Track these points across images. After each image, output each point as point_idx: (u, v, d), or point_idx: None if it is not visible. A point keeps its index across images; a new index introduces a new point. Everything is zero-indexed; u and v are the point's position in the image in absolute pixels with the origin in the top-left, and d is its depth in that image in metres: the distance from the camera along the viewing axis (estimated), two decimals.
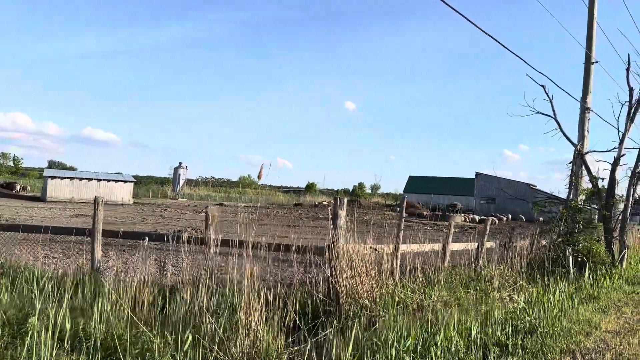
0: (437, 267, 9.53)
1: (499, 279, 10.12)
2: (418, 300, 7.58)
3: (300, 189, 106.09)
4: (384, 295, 7.39)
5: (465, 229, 32.38)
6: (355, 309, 6.88)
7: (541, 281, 10.08)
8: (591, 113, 13.48)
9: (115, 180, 36.88)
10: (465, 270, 9.93)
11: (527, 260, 11.14)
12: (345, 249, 7.46)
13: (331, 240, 7.48)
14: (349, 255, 7.45)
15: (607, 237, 11.70)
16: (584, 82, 13.73)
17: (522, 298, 6.96)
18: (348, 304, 6.88)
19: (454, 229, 11.19)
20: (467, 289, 9.40)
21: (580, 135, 13.07)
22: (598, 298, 8.62)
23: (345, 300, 6.89)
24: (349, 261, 7.40)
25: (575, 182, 11.98)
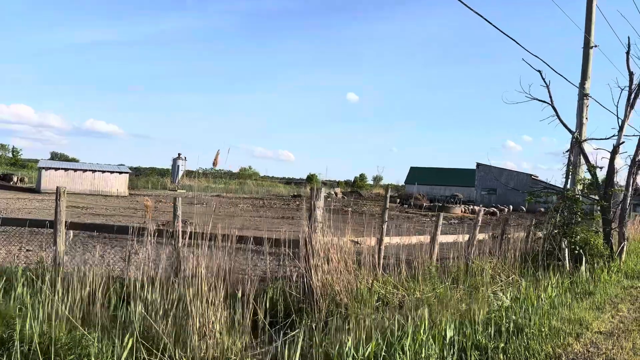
0: (425, 261, 9.06)
1: (490, 273, 9.66)
2: (400, 296, 7.11)
3: (302, 181, 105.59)
4: (363, 291, 6.93)
5: (464, 220, 31.86)
6: (331, 306, 6.42)
7: (535, 275, 9.61)
8: (590, 100, 12.94)
9: (111, 172, 36.44)
10: (455, 264, 9.45)
11: (521, 253, 10.66)
12: (322, 242, 7.00)
13: (306, 233, 7.03)
14: (326, 248, 6.98)
15: (606, 228, 11.19)
16: (582, 67, 13.17)
17: (509, 294, 6.46)
18: (323, 301, 6.42)
19: (454, 220, 10.76)
20: (456, 284, 8.94)
21: (578, 122, 12.53)
22: (594, 293, 8.14)
23: (320, 297, 6.42)
24: (326, 255, 6.94)
25: (572, 171, 11.45)
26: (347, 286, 6.79)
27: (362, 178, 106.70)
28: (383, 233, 8.24)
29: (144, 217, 20.91)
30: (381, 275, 7.62)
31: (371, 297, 6.76)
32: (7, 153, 75.25)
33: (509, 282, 9.52)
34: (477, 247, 11.04)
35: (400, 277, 7.77)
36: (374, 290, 7.04)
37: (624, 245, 11.07)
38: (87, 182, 35.57)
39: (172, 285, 5.65)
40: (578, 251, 10.21)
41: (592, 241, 10.66)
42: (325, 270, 6.70)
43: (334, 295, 6.61)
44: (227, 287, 5.81)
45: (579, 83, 12.91)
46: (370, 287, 6.84)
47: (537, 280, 8.88)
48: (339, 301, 6.57)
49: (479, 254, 10.78)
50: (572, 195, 11.01)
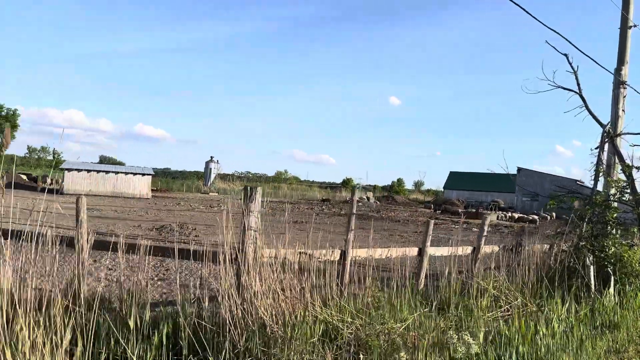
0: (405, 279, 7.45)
1: (493, 294, 7.95)
2: (354, 328, 5.52)
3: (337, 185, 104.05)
4: (308, 320, 5.41)
5: (499, 228, 29.62)
6: (253, 341, 4.93)
7: (550, 298, 7.83)
8: (628, 89, 10.96)
9: (134, 173, 35.98)
10: (448, 283, 7.78)
11: (539, 270, 8.86)
12: (254, 257, 5.53)
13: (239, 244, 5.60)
14: (259, 265, 5.50)
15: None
16: (619, 50, 11.21)
17: (482, 337, 4.77)
18: (240, 334, 4.93)
19: (486, 228, 9.23)
20: (445, 309, 7.28)
21: (613, 115, 10.59)
22: (618, 327, 6.34)
23: (238, 329, 4.94)
24: (258, 274, 5.46)
25: (603, 172, 9.55)
26: (281, 314, 5.29)
27: (400, 183, 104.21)
28: (349, 244, 6.68)
29: (154, 220, 19.94)
30: (339, 298, 6.06)
31: (313, 329, 5.23)
32: (47, 155, 76.98)
33: (518, 306, 7.79)
34: (487, 262, 9.33)
35: (364, 300, 6.19)
36: (321, 319, 5.50)
37: None
38: (109, 184, 35.23)
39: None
40: (606, 269, 8.34)
41: (625, 257, 8.75)
42: (254, 293, 5.23)
43: (261, 326, 5.13)
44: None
45: (614, 69, 10.96)
46: (316, 317, 5.30)
47: (549, 305, 7.11)
48: (269, 334, 5.08)
49: (484, 270, 9.06)
50: (603, 200, 9.12)
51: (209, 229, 17.47)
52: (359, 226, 24.48)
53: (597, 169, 9.40)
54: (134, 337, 4.71)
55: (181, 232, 16.21)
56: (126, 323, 4.79)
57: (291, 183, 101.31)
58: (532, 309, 7.54)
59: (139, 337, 4.83)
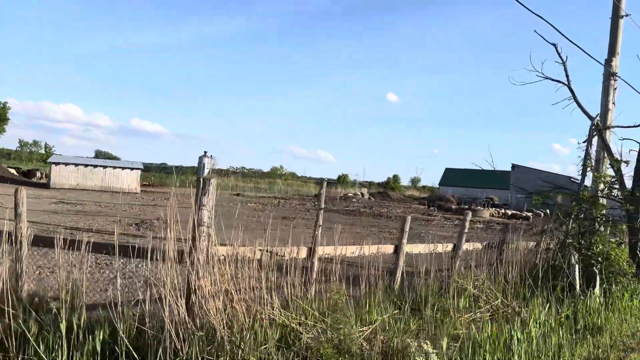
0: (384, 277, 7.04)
1: (474, 294, 7.55)
2: (316, 333, 5.09)
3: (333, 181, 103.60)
4: (264, 325, 4.99)
5: (491, 225, 29.26)
6: (199, 349, 4.51)
7: (533, 299, 7.43)
8: (618, 80, 10.56)
9: (122, 167, 35.46)
10: (425, 282, 7.37)
11: (521, 268, 8.46)
12: (207, 255, 5.10)
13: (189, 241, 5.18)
14: (212, 263, 5.07)
15: (632, 239, 8.85)
16: (610, 41, 10.80)
17: (445, 344, 4.33)
18: (185, 340, 4.51)
19: (478, 225, 8.86)
20: (420, 310, 6.88)
21: (603, 107, 10.18)
22: (601, 331, 5.94)
23: (181, 334, 4.51)
24: (209, 273, 5.03)
25: (590, 166, 9.14)
26: (235, 318, 4.86)
27: (396, 179, 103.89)
28: (316, 242, 6.25)
29: (135, 215, 19.47)
30: (302, 299, 5.63)
31: (268, 333, 4.81)
32: (40, 149, 76.35)
33: (498, 307, 7.39)
34: (469, 260, 8.92)
35: (329, 302, 5.77)
36: (279, 322, 5.09)
37: None
38: (97, 178, 34.72)
39: None
40: (590, 268, 7.95)
41: (613, 255, 8.35)
42: (202, 294, 4.80)
43: (210, 331, 4.70)
44: None
45: (605, 60, 10.55)
46: (273, 320, 4.88)
47: (528, 307, 6.71)
48: (219, 340, 4.66)
49: (464, 268, 8.66)
50: (590, 196, 8.71)
51: None
52: (347, 222, 24.09)
53: (584, 163, 8.99)
54: (66, 343, 4.30)
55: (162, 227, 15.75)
56: (59, 327, 4.37)
57: (286, 179, 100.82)
58: (515, 309, 7.15)
59: (75, 343, 4.43)
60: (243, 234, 5.67)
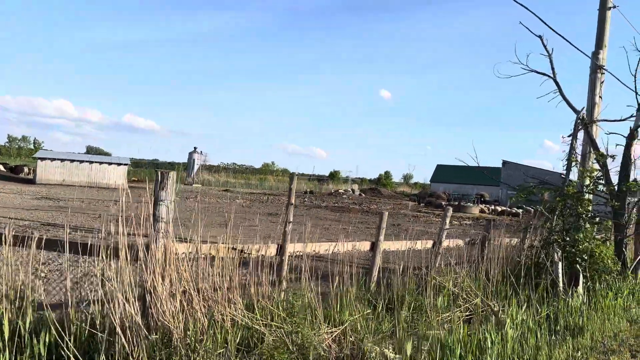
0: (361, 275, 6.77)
1: (453, 293, 7.31)
2: (277, 336, 4.81)
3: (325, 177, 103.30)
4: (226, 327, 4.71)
5: (480, 221, 29.09)
6: (151, 353, 4.22)
7: (515, 297, 7.20)
8: (606, 73, 10.33)
9: (109, 163, 34.97)
10: (402, 280, 7.11)
11: (503, 266, 8.22)
12: (165, 253, 4.81)
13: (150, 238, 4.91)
14: (168, 261, 4.78)
15: (618, 236, 8.63)
16: (597, 33, 10.56)
17: (409, 348, 4.04)
18: (136, 344, 4.22)
19: (467, 222, 8.63)
20: (394, 309, 6.61)
21: (589, 101, 9.95)
22: (582, 332, 5.70)
23: (133, 337, 4.22)
24: (167, 273, 4.74)
25: (575, 161, 8.91)
26: (194, 320, 4.58)
27: (387, 176, 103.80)
28: (286, 238, 5.97)
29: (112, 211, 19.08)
30: (268, 299, 5.35)
31: (228, 336, 4.53)
32: (28, 145, 75.53)
33: (477, 306, 7.15)
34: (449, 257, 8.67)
35: (302, 301, 5.49)
36: (242, 324, 4.80)
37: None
38: (83, 174, 34.23)
39: None
40: (572, 266, 7.73)
41: (597, 252, 8.13)
42: (156, 295, 4.51)
43: (165, 334, 4.42)
44: None
45: (592, 53, 10.31)
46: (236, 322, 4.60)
47: (502, 307, 6.47)
48: (175, 344, 4.37)
49: (445, 265, 8.42)
50: (574, 192, 8.48)
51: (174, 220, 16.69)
52: (336, 218, 23.76)
53: (569, 158, 8.75)
54: (9, 347, 4.02)
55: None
56: (2, 330, 4.08)
57: (278, 175, 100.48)
58: (491, 309, 6.91)
59: (21, 347, 4.14)
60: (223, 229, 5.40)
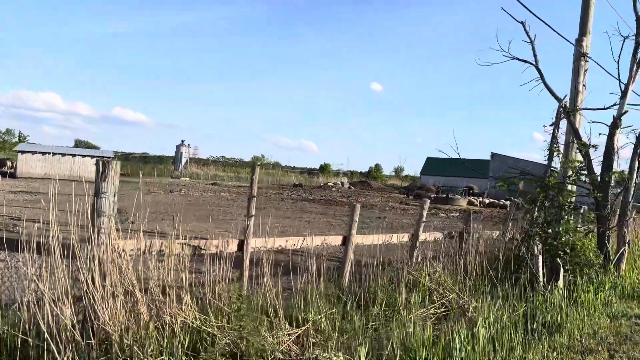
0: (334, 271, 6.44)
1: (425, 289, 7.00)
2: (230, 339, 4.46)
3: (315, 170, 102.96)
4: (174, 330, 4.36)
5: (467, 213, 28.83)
6: None
7: (492, 293, 6.91)
8: (590, 61, 10.03)
9: (92, 156, 34.37)
10: (375, 275, 6.79)
11: (481, 259, 7.92)
12: (107, 250, 4.45)
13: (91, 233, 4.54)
14: (109, 259, 4.41)
15: (600, 228, 8.35)
16: (581, 19, 10.25)
17: (363, 353, 3.71)
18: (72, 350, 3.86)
19: (454, 214, 8.38)
20: (367, 306, 6.30)
21: (573, 89, 9.65)
22: (560, 329, 5.40)
23: (67, 344, 3.86)
24: (105, 270, 4.38)
25: (557, 151, 8.61)
26: (138, 323, 4.22)
27: (378, 169, 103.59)
28: (248, 233, 5.60)
29: None
30: (225, 299, 5.00)
31: (175, 340, 4.18)
32: (13, 138, 74.40)
33: (455, 302, 6.85)
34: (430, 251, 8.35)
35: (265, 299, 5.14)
36: (194, 326, 4.45)
37: (623, 251, 8.21)
38: (65, 167, 33.63)
39: None
40: (553, 260, 7.44)
41: (579, 245, 7.86)
42: (94, 297, 4.14)
43: (104, 340, 4.05)
44: None
45: (575, 40, 10.00)
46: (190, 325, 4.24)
47: (479, 303, 6.16)
48: (117, 350, 4.00)
49: (421, 260, 8.10)
50: (556, 183, 8.18)
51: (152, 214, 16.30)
52: (321, 212, 23.43)
53: (550, 147, 8.46)
54: None
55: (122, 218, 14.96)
56: None
57: (267, 168, 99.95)
58: (467, 305, 6.60)
59: None
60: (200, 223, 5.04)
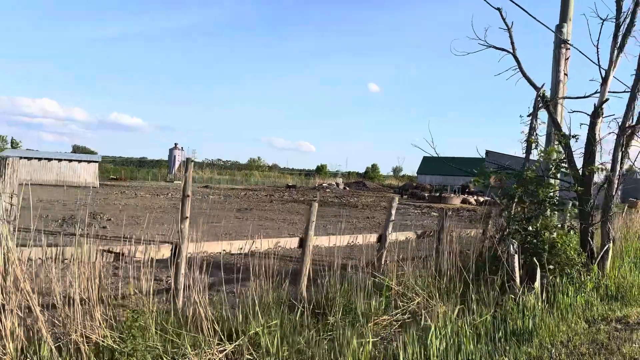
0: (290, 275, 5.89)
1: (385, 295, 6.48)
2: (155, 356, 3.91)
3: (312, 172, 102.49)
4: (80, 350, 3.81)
5: (460, 212, 28.34)
6: None
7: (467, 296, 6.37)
8: (572, 49, 9.49)
9: (79, 161, 33.79)
10: (334, 280, 6.24)
11: (454, 260, 7.38)
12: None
13: None
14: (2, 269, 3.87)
15: (583, 224, 7.81)
16: (561, 4, 9.70)
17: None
18: None
19: (449, 212, 8.05)
20: (323, 314, 5.76)
21: (554, 78, 9.11)
22: (532, 337, 4.85)
23: None
24: None
25: (535, 143, 8.07)
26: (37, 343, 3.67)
27: (374, 169, 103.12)
28: (183, 237, 5.04)
29: (68, 210, 18.08)
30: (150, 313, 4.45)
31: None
32: (5, 145, 73.87)
33: (423, 307, 6.31)
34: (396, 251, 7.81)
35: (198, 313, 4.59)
36: (106, 345, 3.90)
37: (608, 249, 7.66)
38: (52, 173, 33.07)
39: None
40: (530, 259, 6.90)
41: (559, 243, 7.31)
42: None
43: None
44: None
45: (555, 26, 9.46)
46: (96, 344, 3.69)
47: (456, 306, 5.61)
48: None
49: (390, 261, 7.57)
50: (533, 176, 7.65)
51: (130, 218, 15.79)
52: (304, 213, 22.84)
53: (528, 139, 7.92)
54: None
55: (93, 223, 14.45)
56: None
57: (264, 170, 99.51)
58: (439, 309, 6.06)
59: None
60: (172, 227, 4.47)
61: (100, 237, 12.68)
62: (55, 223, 13.91)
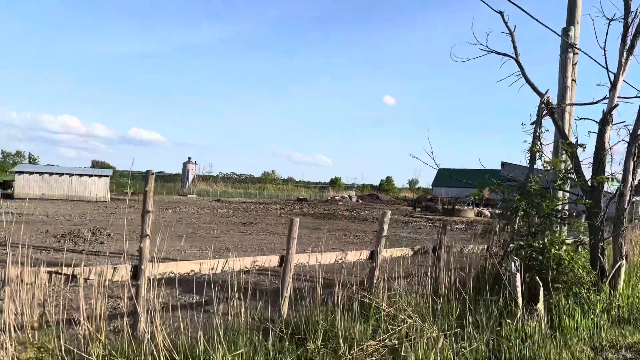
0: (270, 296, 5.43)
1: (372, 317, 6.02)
2: None
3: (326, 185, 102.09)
4: None
5: (473, 226, 27.60)
6: None
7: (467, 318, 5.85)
8: (580, 54, 8.98)
9: (89, 175, 33.78)
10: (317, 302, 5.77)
11: (454, 278, 6.87)
12: None
13: None
14: None
15: (592, 239, 7.23)
16: (568, 7, 9.22)
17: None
18: None
19: (458, 226, 7.56)
20: (302, 341, 5.31)
21: (561, 84, 8.60)
22: None
23: None
24: None
25: (540, 152, 7.55)
26: None
27: (389, 181, 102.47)
28: (143, 257, 4.62)
29: (71, 224, 17.86)
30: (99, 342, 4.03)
31: None
32: (23, 160, 74.73)
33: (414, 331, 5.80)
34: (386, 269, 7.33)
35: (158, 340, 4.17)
36: None
37: (620, 266, 7.07)
38: (63, 187, 33.09)
39: None
40: (531, 277, 6.36)
41: (566, 260, 6.76)
42: None
43: None
44: None
45: (562, 30, 8.98)
46: None
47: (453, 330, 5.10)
48: None
49: (383, 280, 7.06)
50: (538, 188, 7.12)
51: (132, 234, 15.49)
52: (313, 226, 22.40)
53: (532, 149, 7.41)
54: None
55: (91, 238, 14.17)
56: None
57: (278, 183, 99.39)
58: (432, 334, 5.55)
59: None
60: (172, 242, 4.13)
61: (95, 253, 12.41)
62: (53, 238, 13.66)
